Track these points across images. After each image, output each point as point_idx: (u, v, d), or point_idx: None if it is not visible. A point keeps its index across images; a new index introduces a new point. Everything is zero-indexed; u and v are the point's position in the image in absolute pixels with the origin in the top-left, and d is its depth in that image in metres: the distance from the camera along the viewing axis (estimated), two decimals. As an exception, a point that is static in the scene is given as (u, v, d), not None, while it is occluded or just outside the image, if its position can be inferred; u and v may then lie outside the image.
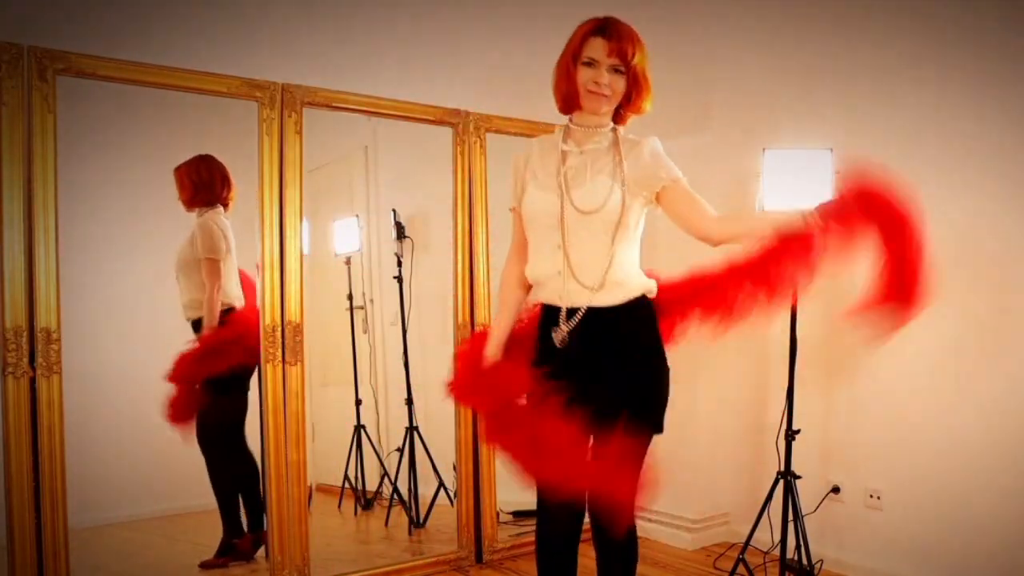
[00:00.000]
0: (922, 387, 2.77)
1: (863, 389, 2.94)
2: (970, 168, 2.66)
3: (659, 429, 1.85)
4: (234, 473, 2.81)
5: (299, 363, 2.72)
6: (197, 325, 2.77)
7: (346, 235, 3.48)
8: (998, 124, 2.60)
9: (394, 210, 3.32)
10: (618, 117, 1.90)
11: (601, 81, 1.78)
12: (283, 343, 2.69)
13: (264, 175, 2.66)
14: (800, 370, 2.85)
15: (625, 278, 1.81)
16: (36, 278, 2.29)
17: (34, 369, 2.28)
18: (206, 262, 2.74)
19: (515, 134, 3.19)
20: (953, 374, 2.70)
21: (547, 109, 2.01)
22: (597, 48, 1.77)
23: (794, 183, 2.72)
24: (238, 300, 2.81)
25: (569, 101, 1.86)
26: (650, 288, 1.87)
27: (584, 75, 1.79)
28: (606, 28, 1.77)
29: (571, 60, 1.80)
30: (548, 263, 1.82)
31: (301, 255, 2.73)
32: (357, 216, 3.47)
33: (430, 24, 3.15)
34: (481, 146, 3.13)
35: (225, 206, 2.81)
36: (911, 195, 1.75)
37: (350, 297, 3.47)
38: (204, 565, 2.73)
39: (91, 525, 2.55)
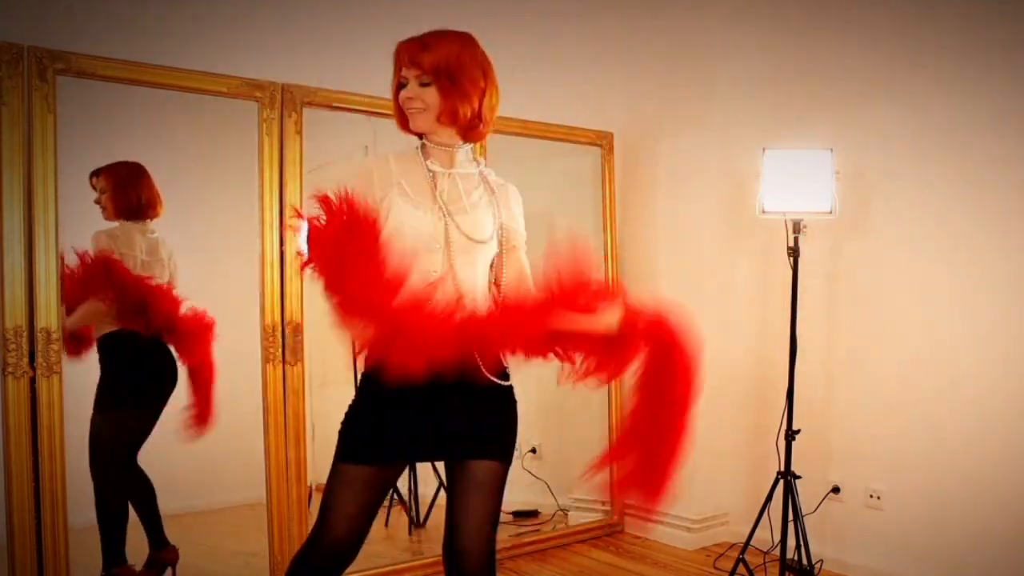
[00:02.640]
0: (922, 387, 2.77)
1: (863, 389, 2.94)
2: (970, 167, 2.66)
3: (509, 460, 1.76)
4: (129, 492, 2.63)
5: (299, 363, 2.72)
6: (104, 344, 2.60)
7: (346, 235, 3.47)
8: (998, 123, 2.60)
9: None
10: (470, 133, 1.73)
11: (407, 95, 1.65)
12: (283, 343, 2.69)
13: (264, 175, 2.66)
14: (800, 370, 2.86)
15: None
16: (36, 278, 2.28)
17: (34, 369, 2.27)
18: None
19: (512, 133, 3.18)
20: (953, 374, 2.70)
21: (544, 110, 2.01)
22: (401, 64, 1.68)
23: (794, 183, 2.72)
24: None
25: (404, 127, 1.74)
26: None
27: (401, 96, 1.68)
28: (407, 43, 1.69)
29: (395, 85, 1.71)
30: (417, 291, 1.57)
31: (301, 255, 2.72)
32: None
33: (429, 24, 3.14)
34: (481, 146, 3.12)
35: (151, 217, 2.66)
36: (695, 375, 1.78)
37: (350, 297, 3.46)
38: None
39: (91, 525, 2.55)
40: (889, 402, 2.86)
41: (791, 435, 2.82)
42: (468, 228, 1.67)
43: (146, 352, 2.69)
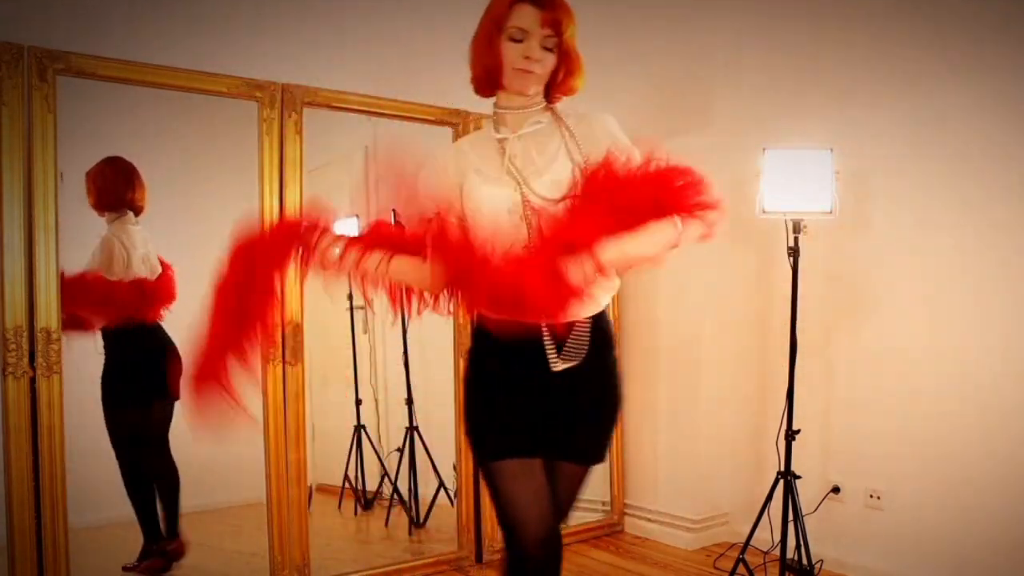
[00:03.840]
0: (922, 387, 2.77)
1: (863, 389, 2.94)
2: (970, 167, 2.66)
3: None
4: (157, 478, 2.75)
5: (299, 363, 2.72)
6: (108, 336, 2.66)
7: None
8: (998, 123, 2.60)
9: (394, 210, 3.32)
10: (552, 97, 1.65)
11: (533, 56, 1.52)
12: (283, 343, 2.69)
13: (264, 175, 2.66)
14: (800, 370, 2.85)
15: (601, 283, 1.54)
16: (36, 278, 2.29)
17: (34, 369, 2.28)
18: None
19: (515, 134, 3.19)
20: (954, 374, 2.69)
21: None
22: (527, 17, 1.51)
23: (794, 183, 2.72)
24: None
25: (491, 80, 1.60)
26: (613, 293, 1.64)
27: (511, 50, 1.53)
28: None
29: (495, 30, 1.54)
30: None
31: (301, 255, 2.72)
32: (357, 216, 3.47)
33: (430, 24, 3.15)
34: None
35: (136, 211, 2.70)
36: None
37: (350, 297, 3.46)
38: (126, 568, 2.68)
39: (91, 525, 2.55)
40: (889, 402, 2.86)
41: (791, 435, 2.82)
42: (543, 189, 1.54)
43: (155, 344, 2.73)
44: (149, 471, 2.72)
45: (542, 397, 1.58)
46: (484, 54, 1.58)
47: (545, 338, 1.55)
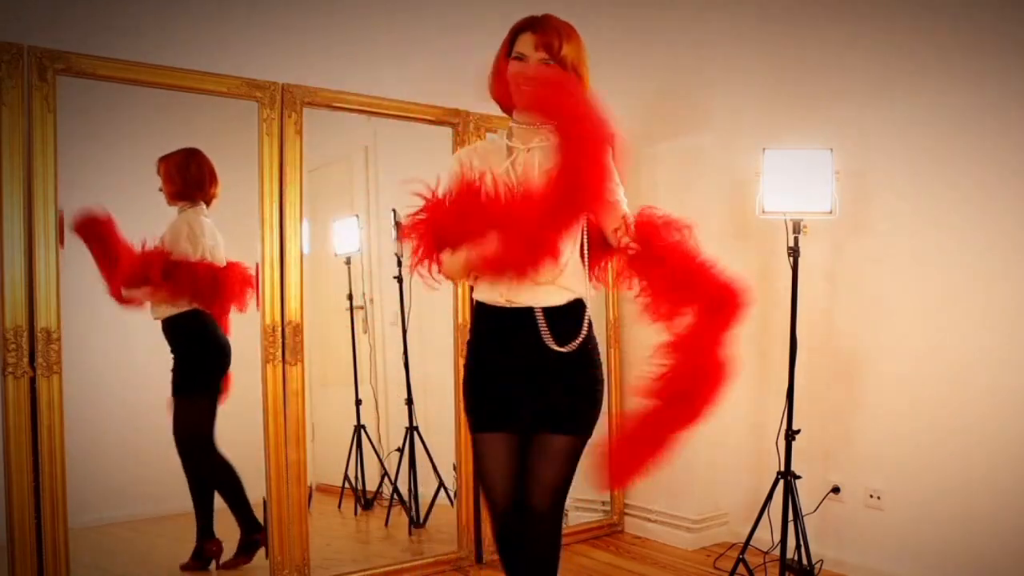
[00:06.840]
0: (922, 387, 2.77)
1: (863, 389, 2.94)
2: (970, 167, 2.66)
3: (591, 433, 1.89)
4: (208, 478, 2.78)
5: (299, 363, 2.72)
6: (168, 327, 2.71)
7: (346, 235, 3.48)
8: (999, 122, 2.60)
9: (394, 210, 3.32)
10: None
11: (527, 74, 1.76)
12: (283, 343, 2.69)
13: (264, 175, 2.67)
14: (800, 370, 2.86)
15: (571, 281, 1.82)
16: (36, 278, 2.29)
17: (34, 369, 2.28)
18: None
19: (515, 134, 3.19)
20: (954, 374, 2.69)
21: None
22: (526, 43, 1.78)
23: (794, 183, 2.72)
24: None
25: (503, 98, 1.89)
26: (589, 293, 1.88)
27: (513, 69, 1.79)
28: (535, 24, 1.80)
29: (503, 56, 1.84)
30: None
31: (301, 255, 2.73)
32: (357, 216, 3.47)
33: (430, 24, 3.15)
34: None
35: (208, 203, 2.78)
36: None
37: (350, 297, 3.47)
38: (184, 567, 2.72)
39: (91, 525, 2.55)
40: (889, 402, 2.86)
41: (791, 435, 2.82)
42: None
43: (211, 333, 2.79)
44: (209, 475, 2.78)
45: (527, 374, 1.81)
46: (496, 77, 1.88)
47: (540, 323, 1.79)
